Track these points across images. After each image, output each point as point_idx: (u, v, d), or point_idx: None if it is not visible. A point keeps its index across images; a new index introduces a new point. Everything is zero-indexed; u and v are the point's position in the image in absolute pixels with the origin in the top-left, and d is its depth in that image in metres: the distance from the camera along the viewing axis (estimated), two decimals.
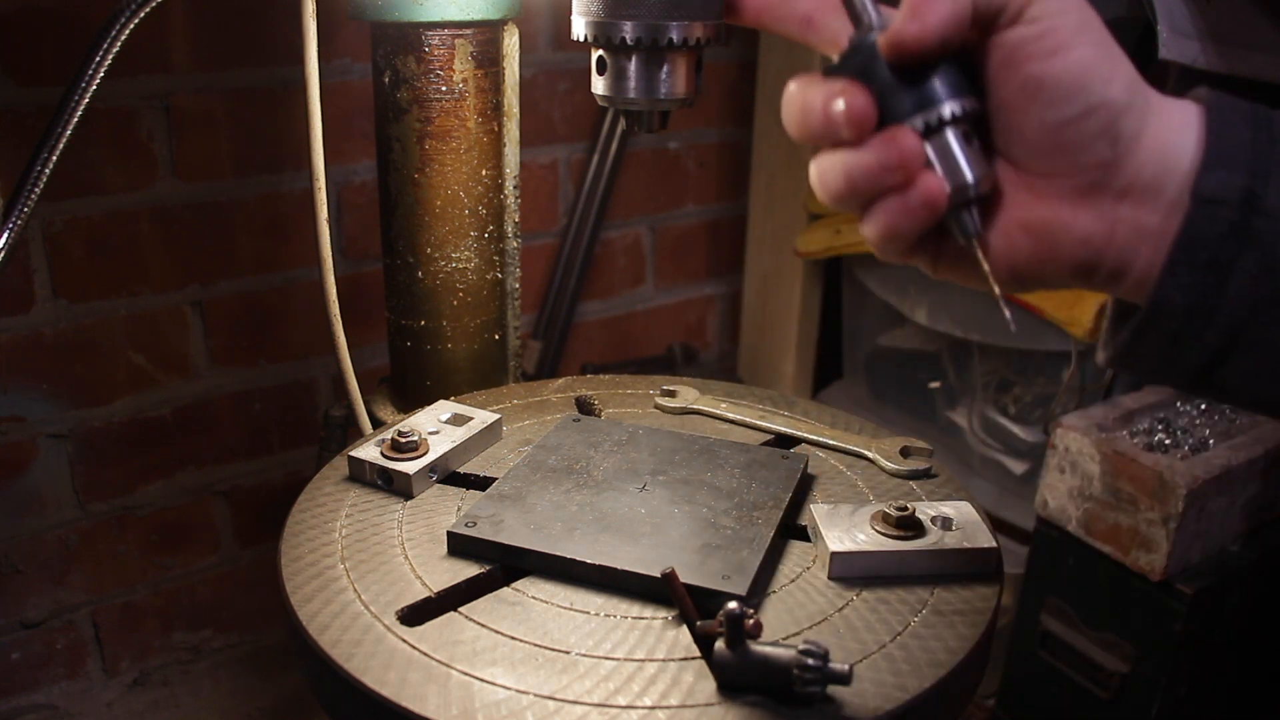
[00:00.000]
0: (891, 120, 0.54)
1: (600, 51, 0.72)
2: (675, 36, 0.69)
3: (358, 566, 0.79)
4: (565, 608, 0.75)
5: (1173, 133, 0.53)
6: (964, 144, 0.54)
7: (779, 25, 0.64)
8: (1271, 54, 1.27)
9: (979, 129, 0.55)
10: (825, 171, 0.56)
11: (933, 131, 0.54)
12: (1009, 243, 0.56)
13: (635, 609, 0.75)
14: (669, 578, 0.71)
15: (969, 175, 0.54)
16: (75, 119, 1.02)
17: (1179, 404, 1.47)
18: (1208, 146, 0.52)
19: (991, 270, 0.56)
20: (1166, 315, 0.53)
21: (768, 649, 0.65)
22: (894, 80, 0.54)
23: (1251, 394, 0.55)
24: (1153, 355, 0.55)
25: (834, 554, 0.78)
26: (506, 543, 0.79)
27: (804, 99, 0.55)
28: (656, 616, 0.74)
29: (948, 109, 0.54)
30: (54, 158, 1.02)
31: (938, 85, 0.54)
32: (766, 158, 2.04)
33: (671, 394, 1.09)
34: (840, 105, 0.53)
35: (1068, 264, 0.55)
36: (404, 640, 0.71)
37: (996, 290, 0.57)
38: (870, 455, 0.97)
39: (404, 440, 0.91)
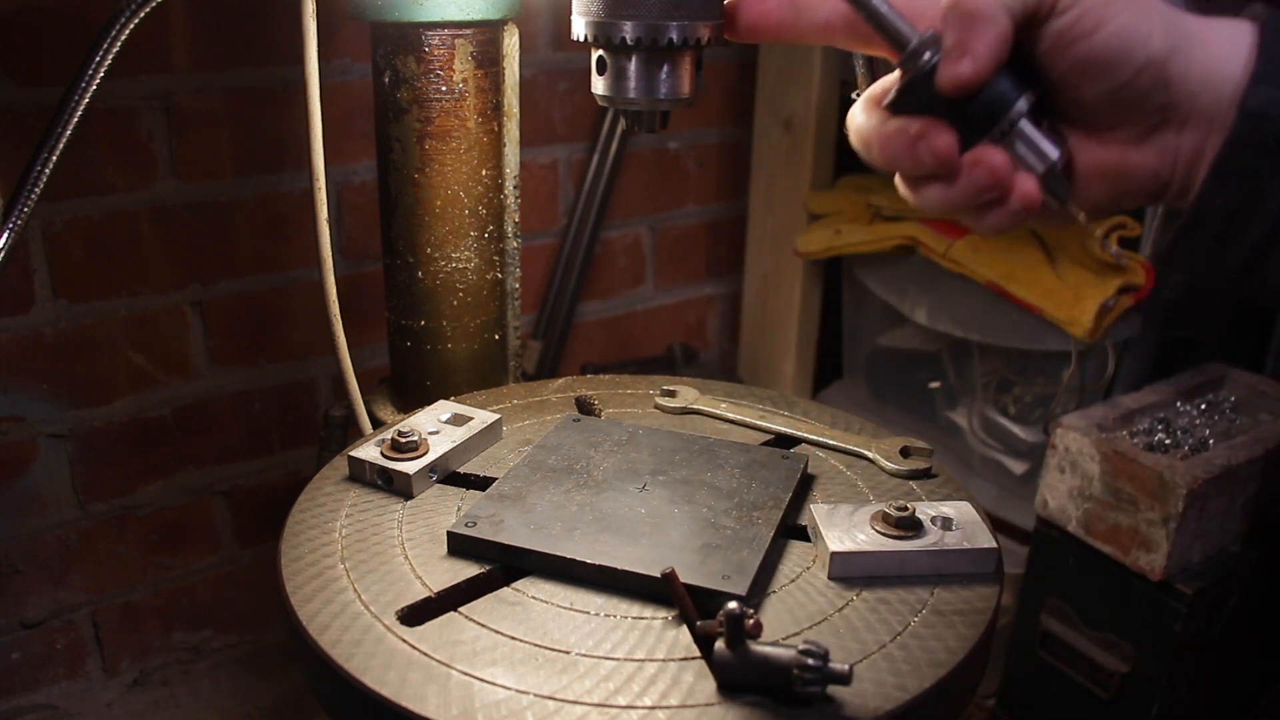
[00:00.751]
0: (972, 139, 0.59)
1: (600, 51, 0.72)
2: (675, 36, 0.69)
3: (358, 566, 0.79)
4: (565, 608, 0.75)
5: (1219, 58, 0.56)
6: (1038, 129, 0.59)
7: (801, 39, 0.66)
8: None
9: (1043, 105, 0.59)
10: (927, 202, 0.61)
11: (1010, 131, 0.58)
12: (1087, 189, 0.61)
13: (635, 609, 0.75)
14: (669, 578, 0.71)
15: (1053, 154, 0.59)
16: (75, 119, 1.02)
17: (1179, 404, 1.47)
18: (1257, 64, 0.55)
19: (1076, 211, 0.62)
20: (1209, 218, 0.57)
21: (768, 649, 0.65)
22: (962, 104, 0.58)
23: None
24: (1197, 254, 0.60)
25: (834, 554, 0.78)
26: (506, 543, 0.79)
27: (882, 137, 0.60)
28: (656, 616, 0.74)
29: (1016, 110, 0.58)
30: (54, 158, 1.02)
31: (1002, 90, 0.58)
32: (766, 158, 2.03)
33: (671, 394, 1.09)
34: (924, 147, 0.58)
35: (1140, 194, 0.60)
36: (404, 640, 0.71)
37: (1094, 227, 0.64)
38: (870, 455, 0.97)
39: (404, 440, 0.91)
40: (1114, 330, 1.55)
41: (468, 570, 0.79)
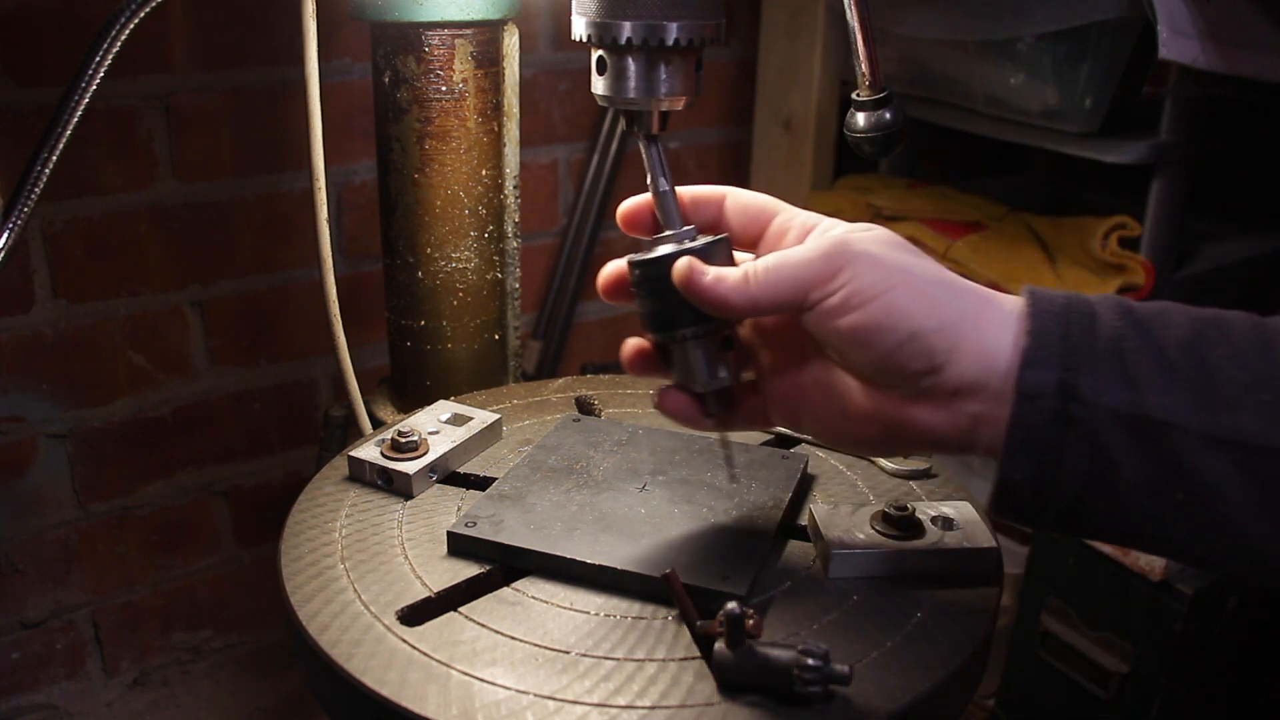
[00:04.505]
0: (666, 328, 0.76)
1: (600, 51, 0.72)
2: (675, 36, 0.69)
3: (358, 566, 0.79)
4: (565, 608, 0.75)
5: (989, 339, 0.62)
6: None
7: None
8: (1271, 54, 1.27)
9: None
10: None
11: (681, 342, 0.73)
12: (866, 433, 0.67)
13: (635, 609, 0.75)
14: (669, 578, 0.71)
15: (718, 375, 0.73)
16: (75, 119, 1.02)
17: None
18: (1026, 348, 0.60)
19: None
20: (1015, 491, 0.62)
21: (768, 649, 0.65)
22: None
23: (1111, 537, 0.65)
24: (1015, 516, 0.65)
25: (834, 554, 0.78)
26: (506, 543, 0.79)
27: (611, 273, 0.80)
28: (656, 616, 0.74)
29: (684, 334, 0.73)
30: (54, 158, 1.02)
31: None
32: (766, 158, 2.03)
33: None
34: (602, 279, 0.80)
35: (922, 445, 0.66)
36: (404, 640, 0.71)
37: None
38: None
39: (404, 440, 0.91)
40: None
41: (468, 570, 0.79)
